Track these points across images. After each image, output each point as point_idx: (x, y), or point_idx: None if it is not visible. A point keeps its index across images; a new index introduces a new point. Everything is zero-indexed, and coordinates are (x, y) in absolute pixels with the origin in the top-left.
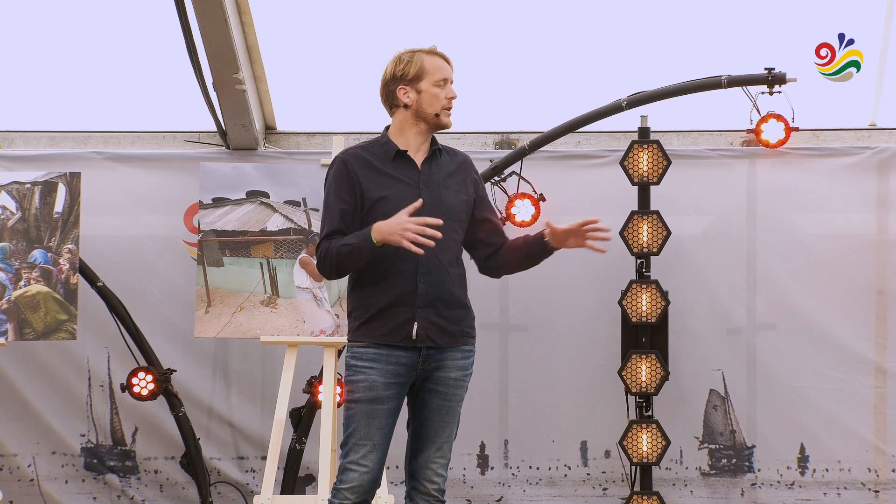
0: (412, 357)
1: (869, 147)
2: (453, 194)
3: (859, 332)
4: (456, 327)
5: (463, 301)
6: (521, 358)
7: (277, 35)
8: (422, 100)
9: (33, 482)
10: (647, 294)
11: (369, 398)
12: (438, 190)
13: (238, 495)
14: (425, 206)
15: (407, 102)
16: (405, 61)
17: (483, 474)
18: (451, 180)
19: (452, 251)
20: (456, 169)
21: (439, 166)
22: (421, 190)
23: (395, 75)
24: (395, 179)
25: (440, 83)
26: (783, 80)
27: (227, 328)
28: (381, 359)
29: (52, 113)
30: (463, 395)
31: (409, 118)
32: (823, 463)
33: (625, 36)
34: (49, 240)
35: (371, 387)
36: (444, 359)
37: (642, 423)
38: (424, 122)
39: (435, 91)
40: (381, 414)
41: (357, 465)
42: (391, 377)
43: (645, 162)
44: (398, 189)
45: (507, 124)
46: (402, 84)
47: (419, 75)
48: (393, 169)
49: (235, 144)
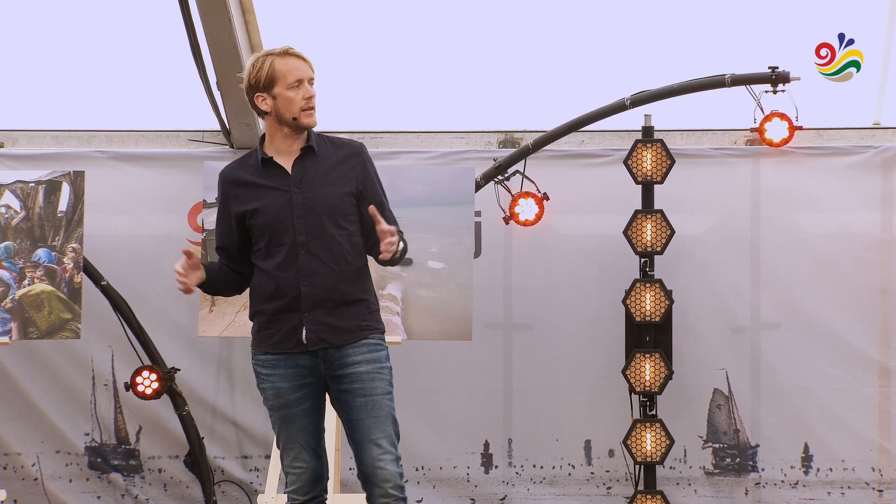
0: (311, 359)
1: (873, 146)
2: (332, 188)
3: (863, 331)
4: (352, 323)
5: (358, 296)
6: (525, 357)
7: (281, 34)
8: (278, 105)
9: (37, 481)
10: (651, 293)
11: (280, 405)
12: (313, 188)
13: (242, 494)
14: (299, 207)
15: (265, 109)
16: (257, 68)
17: (487, 473)
18: (332, 173)
19: (334, 249)
20: (340, 161)
21: (316, 162)
22: (292, 192)
23: (251, 83)
24: (265, 188)
25: (294, 85)
26: (787, 78)
27: (230, 327)
28: (281, 364)
29: (55, 112)
30: (386, 388)
31: (273, 124)
32: (827, 462)
33: (628, 35)
34: (53, 239)
35: (278, 394)
36: (347, 356)
37: (646, 423)
38: (287, 126)
39: (289, 94)
40: (297, 416)
41: (291, 469)
42: (295, 380)
43: (649, 161)
44: (269, 198)
45: (511, 123)
46: (258, 91)
47: (272, 81)
48: (264, 178)
49: (239, 143)
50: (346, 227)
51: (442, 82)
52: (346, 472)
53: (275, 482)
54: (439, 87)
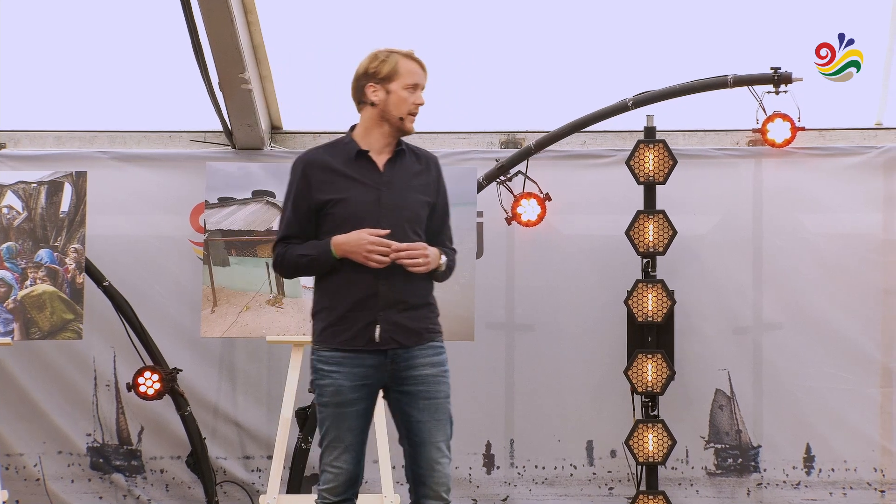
0: (378, 359)
1: (875, 146)
2: (415, 196)
3: (866, 331)
4: (421, 325)
5: (426, 300)
6: (527, 358)
7: (283, 34)
8: (389, 101)
9: (39, 482)
10: (653, 294)
11: (337, 402)
12: (401, 191)
13: (244, 495)
14: (387, 207)
15: (374, 100)
16: (380, 59)
17: (489, 474)
18: (415, 181)
19: None
20: (421, 171)
21: (403, 167)
22: (381, 191)
23: (368, 72)
24: (353, 181)
25: (410, 87)
26: (789, 79)
27: (232, 328)
28: (347, 362)
29: (58, 112)
30: (448, 392)
31: (374, 117)
32: (829, 463)
33: (630, 36)
34: (55, 239)
35: (338, 391)
36: (414, 357)
37: (648, 423)
38: (388, 124)
39: (403, 94)
40: (351, 416)
41: (331, 467)
42: (358, 380)
43: (651, 161)
44: (356, 191)
45: (513, 124)
46: (373, 82)
47: (391, 76)
48: (353, 170)
49: (241, 144)
50: (420, 234)
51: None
52: None
53: (276, 482)
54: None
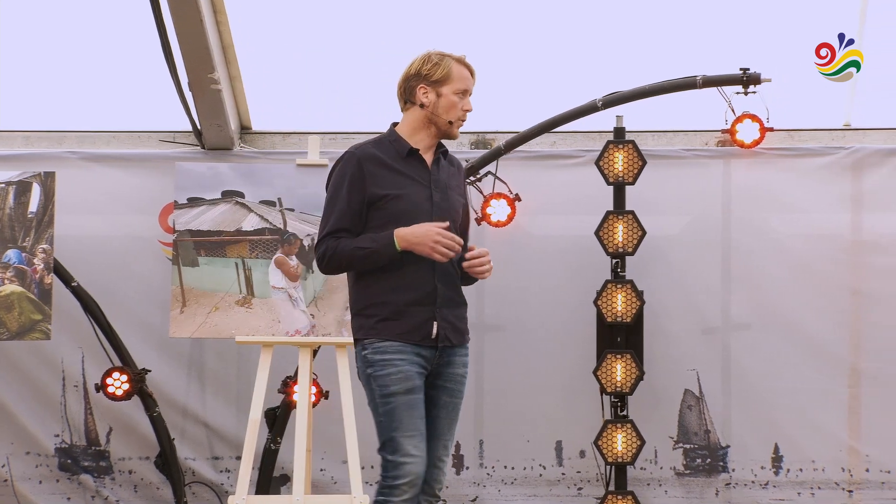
0: (431, 352)
1: (843, 147)
2: (456, 196)
3: (835, 332)
4: (463, 325)
5: (465, 301)
6: (497, 358)
7: (253, 35)
8: (439, 104)
9: (7, 483)
10: (623, 294)
11: (406, 389)
12: (446, 191)
13: (213, 495)
14: (436, 206)
15: (424, 102)
16: (434, 62)
17: (458, 474)
18: (453, 182)
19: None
20: (455, 172)
21: (444, 169)
22: (432, 190)
23: (420, 73)
24: (407, 178)
25: (460, 93)
26: (758, 80)
27: (202, 328)
28: (408, 350)
29: (26, 112)
30: (464, 394)
31: (422, 119)
32: (797, 463)
33: (600, 36)
34: (23, 240)
35: (407, 377)
36: (454, 355)
37: (617, 423)
38: (436, 127)
39: (454, 99)
40: (418, 403)
41: (410, 457)
42: (419, 368)
43: (620, 162)
44: (411, 188)
45: (483, 124)
46: (425, 83)
47: (444, 80)
48: (405, 167)
49: (211, 144)
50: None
51: None
52: (317, 472)
53: (245, 483)
54: None
